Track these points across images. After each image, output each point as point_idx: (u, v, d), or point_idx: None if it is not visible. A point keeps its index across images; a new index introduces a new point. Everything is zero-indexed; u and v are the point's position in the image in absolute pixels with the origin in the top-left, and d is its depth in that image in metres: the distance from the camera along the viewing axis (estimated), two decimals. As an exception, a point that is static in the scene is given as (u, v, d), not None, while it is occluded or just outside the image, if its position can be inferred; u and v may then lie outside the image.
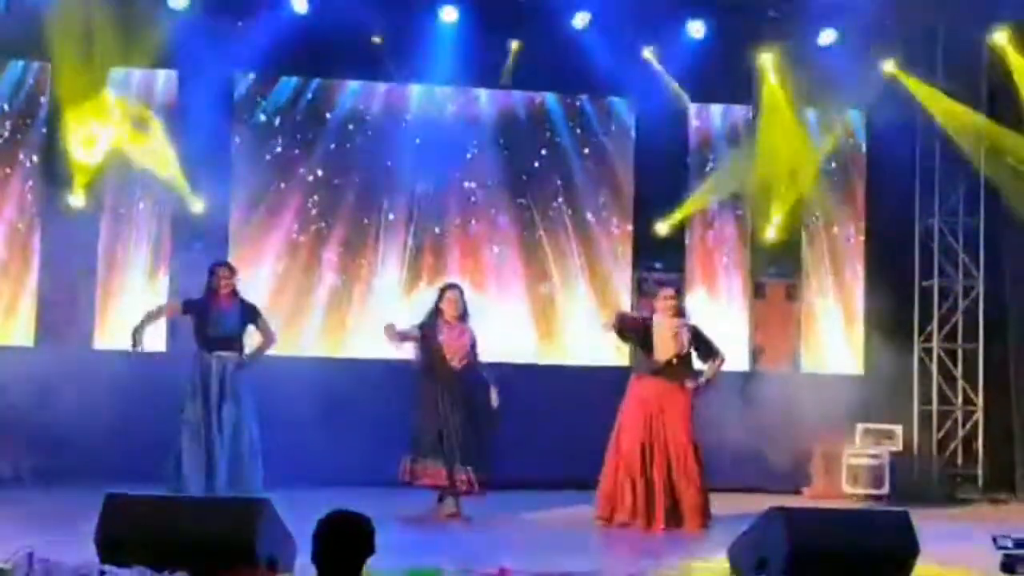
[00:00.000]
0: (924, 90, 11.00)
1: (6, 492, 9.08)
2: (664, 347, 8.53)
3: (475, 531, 8.18)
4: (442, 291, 8.83)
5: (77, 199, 10.24)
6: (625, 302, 10.85)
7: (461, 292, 8.82)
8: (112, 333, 10.38)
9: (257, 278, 10.43)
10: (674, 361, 8.52)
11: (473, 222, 11.03)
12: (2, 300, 10.37)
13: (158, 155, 10.30)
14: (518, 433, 9.50)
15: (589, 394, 9.65)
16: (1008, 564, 5.72)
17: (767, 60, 11.03)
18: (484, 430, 8.66)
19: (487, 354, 8.89)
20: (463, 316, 8.70)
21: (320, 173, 10.87)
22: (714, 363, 8.64)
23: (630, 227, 11.19)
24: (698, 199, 11.15)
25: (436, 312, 8.71)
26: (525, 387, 9.96)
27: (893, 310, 11.23)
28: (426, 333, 8.64)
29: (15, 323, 10.35)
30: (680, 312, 8.70)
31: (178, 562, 5.30)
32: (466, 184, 11.05)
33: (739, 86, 11.15)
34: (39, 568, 4.96)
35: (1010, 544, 5.80)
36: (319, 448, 9.46)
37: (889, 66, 11.01)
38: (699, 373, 8.64)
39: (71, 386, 9.21)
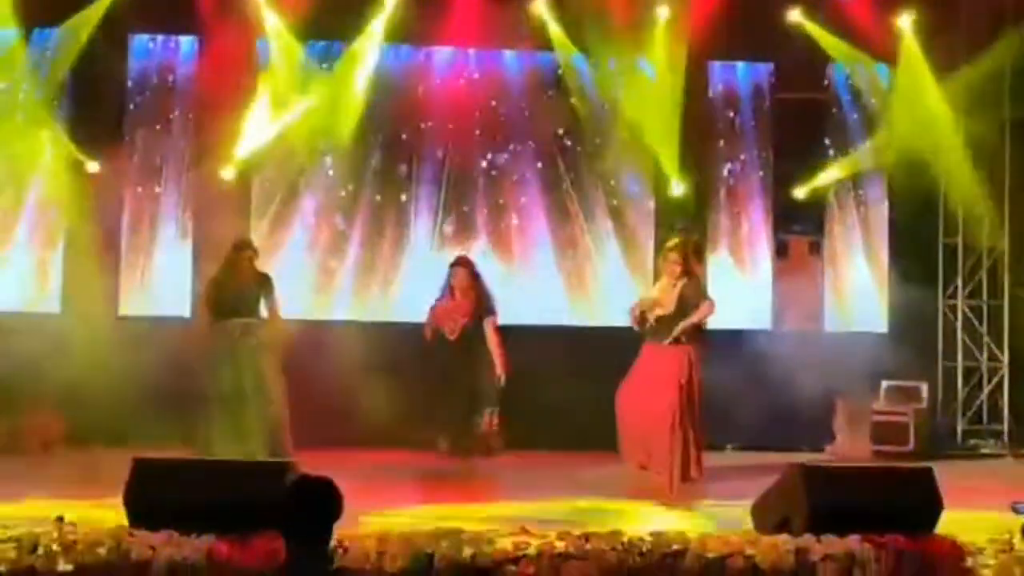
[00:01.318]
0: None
1: (35, 458, 9.18)
2: (653, 307, 8.76)
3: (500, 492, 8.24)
4: (450, 267, 9.07)
5: (93, 163, 10.30)
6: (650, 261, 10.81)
7: (468, 266, 8.99)
8: (136, 300, 10.46)
9: (285, 244, 10.44)
10: (654, 321, 8.70)
11: (501, 185, 11.00)
12: (30, 267, 10.44)
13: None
14: (550, 396, 9.58)
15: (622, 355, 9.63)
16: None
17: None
18: (483, 399, 8.81)
19: (517, 317, 8.87)
20: (470, 289, 8.88)
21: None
22: (695, 313, 8.70)
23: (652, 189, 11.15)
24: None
25: (448, 288, 8.95)
26: (554, 349, 10.01)
27: (918, 267, 11.18)
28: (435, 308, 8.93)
29: (43, 290, 10.43)
30: (684, 273, 8.80)
31: (206, 525, 5.35)
32: (493, 146, 11.00)
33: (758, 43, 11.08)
34: (69, 532, 5.02)
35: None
36: (349, 411, 9.51)
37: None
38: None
39: (96, 352, 9.28)
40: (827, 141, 11.34)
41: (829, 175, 11.19)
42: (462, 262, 9.11)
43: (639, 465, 8.67)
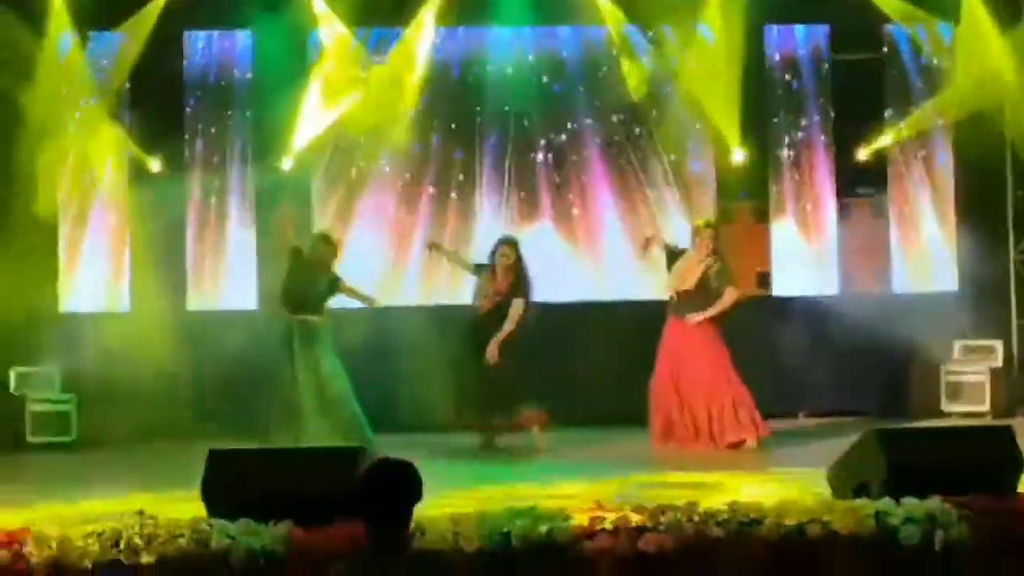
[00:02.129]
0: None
1: (111, 451, 9.32)
2: (676, 279, 9.02)
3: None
4: (496, 245, 9.20)
5: (156, 162, 10.40)
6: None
7: (514, 247, 9.08)
8: (203, 295, 10.57)
9: (349, 234, 10.48)
10: (679, 295, 8.98)
11: (563, 165, 10.96)
12: (100, 269, 10.57)
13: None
14: (596, 370, 9.57)
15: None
16: None
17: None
18: (514, 388, 8.87)
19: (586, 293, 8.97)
20: (511, 270, 8.98)
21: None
22: (718, 303, 8.95)
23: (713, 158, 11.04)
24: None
25: (491, 266, 9.08)
26: (622, 324, 9.97)
27: (987, 224, 10.99)
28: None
29: (114, 290, 10.57)
30: (713, 253, 9.06)
31: (283, 514, 5.40)
32: (552, 126, 10.96)
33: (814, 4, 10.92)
34: (150, 525, 5.08)
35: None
36: (420, 395, 9.55)
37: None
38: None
39: (165, 348, 9.40)
40: (888, 101, 11.17)
41: (891, 135, 11.03)
42: (508, 242, 9.18)
43: (690, 441, 8.87)
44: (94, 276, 10.59)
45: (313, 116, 10.24)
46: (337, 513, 5.46)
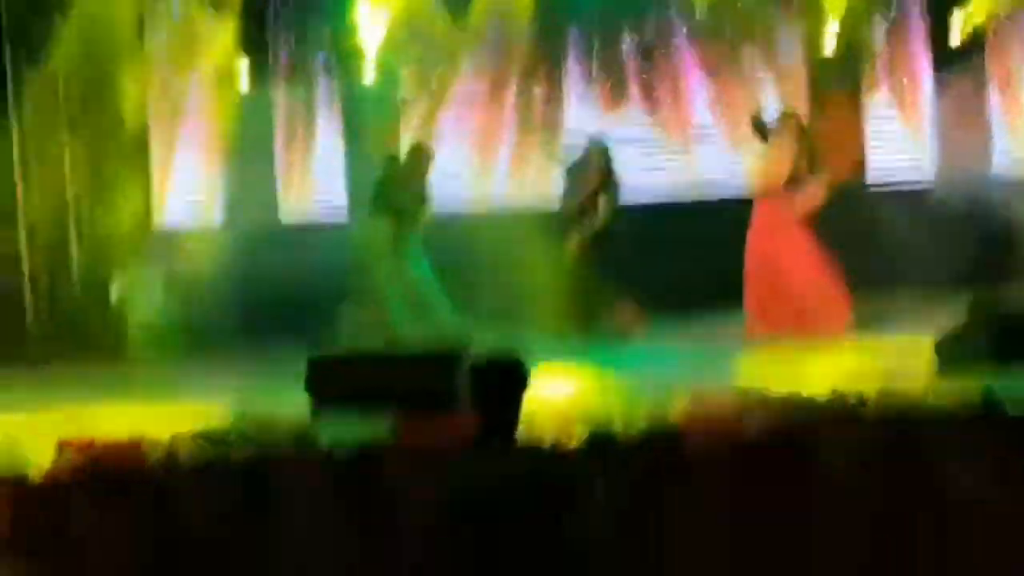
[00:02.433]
0: None
1: (215, 360, 9.46)
2: (764, 172, 9.03)
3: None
4: (588, 147, 9.27)
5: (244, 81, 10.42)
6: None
7: (604, 151, 9.15)
8: (297, 208, 10.63)
9: (436, 137, 10.41)
10: (768, 185, 8.97)
11: (651, 57, 10.76)
12: (189, 181, 10.65)
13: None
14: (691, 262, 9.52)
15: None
16: None
17: None
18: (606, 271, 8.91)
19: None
20: (601, 172, 9.03)
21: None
22: (809, 197, 8.94)
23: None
24: None
25: (581, 165, 9.09)
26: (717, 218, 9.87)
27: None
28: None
29: (203, 201, 10.65)
30: (800, 139, 9.06)
31: (386, 410, 5.44)
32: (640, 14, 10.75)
33: None
34: (253, 424, 5.15)
35: None
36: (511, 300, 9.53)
37: None
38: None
39: (261, 259, 9.48)
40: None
41: (986, 6, 10.57)
42: (598, 144, 9.10)
43: (787, 325, 8.77)
44: (187, 191, 10.67)
45: (389, 19, 10.12)
46: (436, 412, 5.52)
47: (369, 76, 10.38)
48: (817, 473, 5.39)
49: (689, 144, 10.75)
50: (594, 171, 9.04)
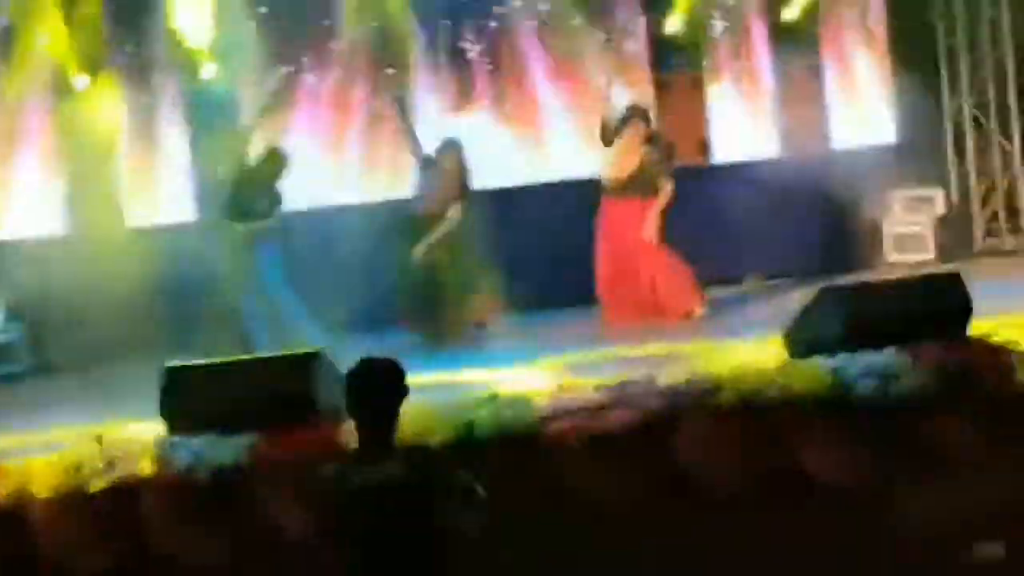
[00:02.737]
0: None
1: (63, 379, 9.21)
2: (611, 166, 9.11)
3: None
4: (440, 148, 9.09)
5: (81, 79, 10.13)
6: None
7: (459, 151, 9.06)
8: (147, 209, 10.40)
9: (286, 134, 10.28)
10: (616, 182, 9.10)
11: (497, 49, 10.76)
12: (26, 188, 10.32)
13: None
14: (544, 251, 9.59)
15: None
16: None
17: None
18: (458, 272, 8.92)
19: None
20: (456, 174, 8.97)
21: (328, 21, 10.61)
22: (656, 203, 9.09)
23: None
24: None
25: (436, 163, 9.03)
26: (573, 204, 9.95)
27: (920, 72, 10.97)
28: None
29: (42, 210, 10.34)
30: (648, 139, 9.19)
31: (244, 422, 5.37)
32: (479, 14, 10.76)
33: None
34: (110, 449, 5.04)
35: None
36: (372, 292, 9.48)
37: None
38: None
39: (107, 266, 9.25)
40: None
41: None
42: (454, 145, 9.10)
43: (641, 316, 8.99)
44: (27, 200, 10.34)
45: (228, 21, 9.96)
46: (296, 418, 5.45)
47: (212, 76, 10.20)
48: (676, 459, 5.52)
49: (539, 135, 10.80)
50: (448, 174, 9.03)
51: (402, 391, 3.80)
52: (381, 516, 3.58)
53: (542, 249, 9.54)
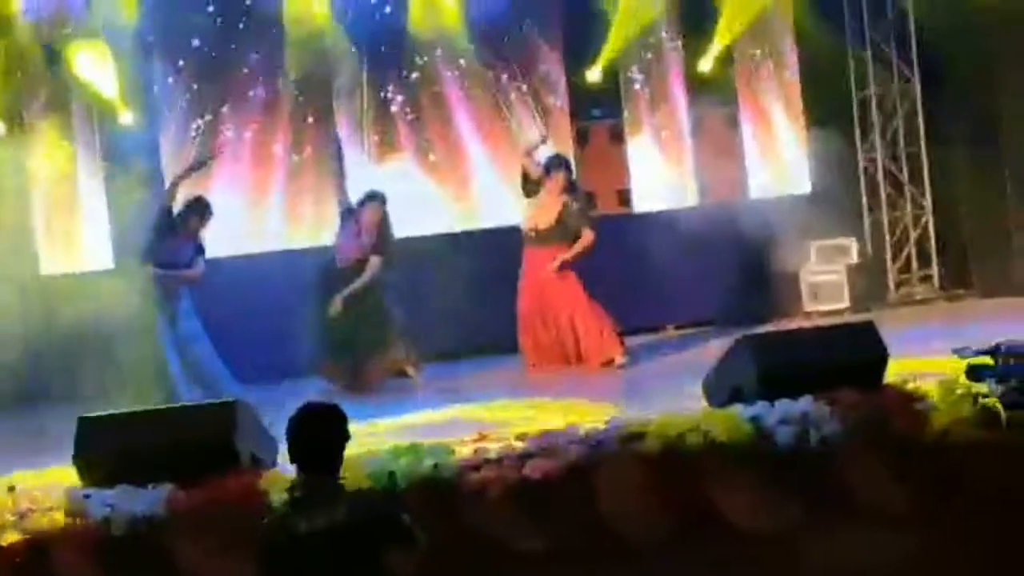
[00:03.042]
0: None
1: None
2: (532, 217, 9.18)
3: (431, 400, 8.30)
4: (363, 200, 9.07)
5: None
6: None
7: (382, 203, 9.05)
8: (63, 256, 10.25)
9: (209, 186, 10.21)
10: (537, 232, 9.16)
11: (418, 99, 10.78)
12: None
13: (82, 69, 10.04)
14: (465, 300, 9.61)
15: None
16: (972, 372, 5.80)
17: None
18: (377, 323, 8.91)
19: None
20: (376, 227, 8.96)
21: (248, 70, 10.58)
22: (575, 245, 9.15)
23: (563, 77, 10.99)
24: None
25: (355, 219, 9.02)
26: (479, 252, 9.97)
27: (833, 125, 11.19)
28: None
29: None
30: (568, 189, 9.22)
31: (161, 473, 5.29)
32: (405, 59, 10.78)
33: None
34: (22, 500, 4.93)
35: (971, 352, 5.88)
36: (291, 341, 9.41)
37: None
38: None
39: (22, 314, 9.09)
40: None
41: (723, 40, 11.03)
42: (376, 197, 9.10)
43: (562, 364, 9.07)
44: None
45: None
46: (216, 467, 5.38)
47: (129, 122, 10.11)
48: (598, 507, 5.52)
49: (462, 183, 10.84)
50: (368, 226, 9.01)
51: (346, 435, 3.81)
52: (327, 562, 3.59)
53: (464, 297, 9.53)
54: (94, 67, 9.99)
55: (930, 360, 6.88)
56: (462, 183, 10.84)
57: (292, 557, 3.59)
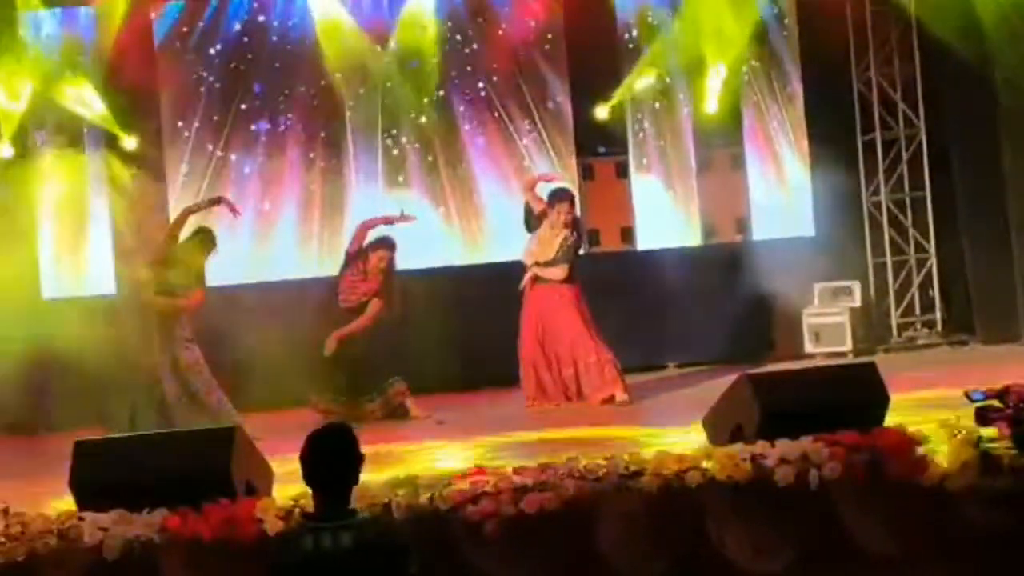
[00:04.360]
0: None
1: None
2: (535, 250, 9.13)
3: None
4: (373, 244, 9.08)
5: (5, 148, 10.03)
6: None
7: (391, 250, 9.05)
8: (66, 281, 10.26)
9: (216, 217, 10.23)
10: (536, 265, 9.10)
11: (428, 134, 10.81)
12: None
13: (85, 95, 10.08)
14: (467, 334, 9.59)
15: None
16: (981, 415, 5.78)
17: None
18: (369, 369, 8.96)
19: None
20: (382, 273, 8.98)
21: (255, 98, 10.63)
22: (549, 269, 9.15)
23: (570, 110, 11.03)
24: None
25: (362, 259, 9.01)
26: (484, 287, 9.96)
27: (838, 168, 11.20)
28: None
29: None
30: (569, 223, 9.14)
31: (156, 500, 5.26)
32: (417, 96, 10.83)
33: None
34: (15, 523, 4.90)
35: (981, 396, 5.85)
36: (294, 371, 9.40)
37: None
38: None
39: (24, 338, 9.09)
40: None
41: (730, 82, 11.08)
42: (386, 243, 9.09)
43: (562, 401, 9.02)
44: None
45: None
46: (211, 494, 5.35)
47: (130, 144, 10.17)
48: (595, 543, 5.49)
49: (473, 221, 10.84)
50: (376, 271, 9.00)
51: (359, 458, 3.86)
52: None
53: (467, 330, 9.52)
54: (100, 93, 10.06)
55: (931, 405, 6.87)
56: (468, 216, 10.84)
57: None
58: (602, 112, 10.85)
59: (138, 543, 4.95)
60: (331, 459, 3.80)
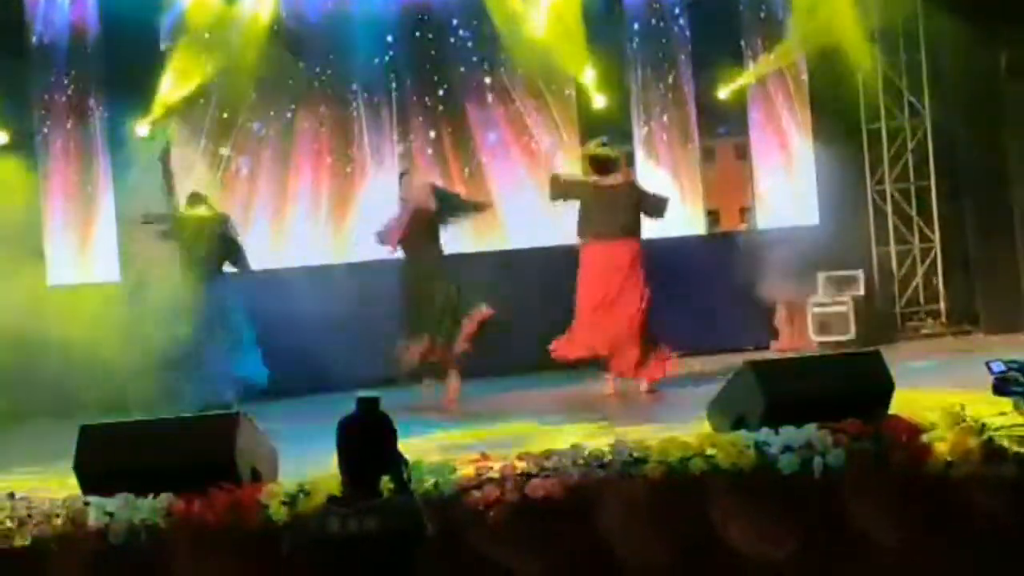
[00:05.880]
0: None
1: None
2: (609, 209, 8.90)
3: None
4: (401, 176, 9.32)
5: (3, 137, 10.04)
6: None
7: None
8: (68, 267, 10.26)
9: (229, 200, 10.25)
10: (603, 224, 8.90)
11: (440, 119, 10.82)
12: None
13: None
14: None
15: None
16: (999, 386, 5.82)
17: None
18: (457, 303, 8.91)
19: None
20: (428, 197, 8.96)
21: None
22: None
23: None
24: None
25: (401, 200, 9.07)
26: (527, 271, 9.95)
27: (843, 156, 11.20)
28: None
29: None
30: (630, 184, 9.12)
31: (161, 484, 5.27)
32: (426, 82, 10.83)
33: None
34: (22, 507, 4.92)
35: (1003, 367, 5.89)
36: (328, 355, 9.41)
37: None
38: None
39: (26, 325, 9.10)
40: (742, 42, 11.26)
41: (749, 75, 11.12)
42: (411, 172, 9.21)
43: (592, 354, 8.84)
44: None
45: (174, 75, 9.96)
46: (215, 480, 5.37)
47: (141, 131, 10.17)
48: (599, 530, 5.51)
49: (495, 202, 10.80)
50: (419, 198, 9.01)
51: (392, 444, 3.90)
52: (354, 566, 3.70)
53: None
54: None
55: (935, 393, 6.88)
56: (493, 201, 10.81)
57: (322, 556, 3.72)
58: (602, 102, 10.78)
59: (143, 528, 4.96)
60: (358, 445, 3.84)
